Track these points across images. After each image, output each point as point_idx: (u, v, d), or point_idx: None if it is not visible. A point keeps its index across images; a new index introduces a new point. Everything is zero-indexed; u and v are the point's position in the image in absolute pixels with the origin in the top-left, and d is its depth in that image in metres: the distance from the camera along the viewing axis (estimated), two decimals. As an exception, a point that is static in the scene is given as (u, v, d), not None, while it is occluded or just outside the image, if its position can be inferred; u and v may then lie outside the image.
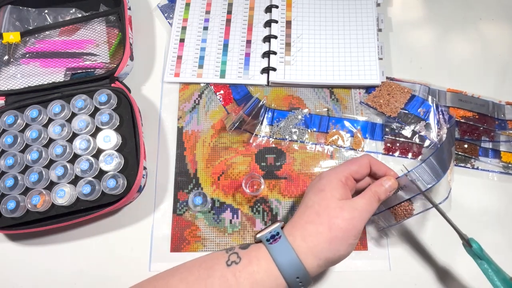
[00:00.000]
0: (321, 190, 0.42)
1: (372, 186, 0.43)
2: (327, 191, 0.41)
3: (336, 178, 0.42)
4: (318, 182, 0.43)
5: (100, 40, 0.61)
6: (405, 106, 0.56)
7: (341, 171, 0.43)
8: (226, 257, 0.40)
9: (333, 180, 0.42)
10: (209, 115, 0.58)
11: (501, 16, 0.64)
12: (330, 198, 0.41)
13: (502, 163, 0.54)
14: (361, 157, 0.45)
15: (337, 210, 0.40)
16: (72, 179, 0.50)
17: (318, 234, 0.39)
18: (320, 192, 0.41)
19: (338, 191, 0.41)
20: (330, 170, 0.44)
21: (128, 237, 0.52)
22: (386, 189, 0.43)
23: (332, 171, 0.44)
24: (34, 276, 0.51)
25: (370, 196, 0.42)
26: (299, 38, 0.61)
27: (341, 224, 0.39)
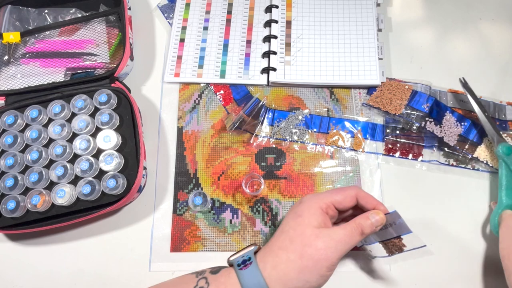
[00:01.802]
0: (298, 215, 0.40)
1: (357, 218, 0.40)
2: (305, 217, 0.39)
3: (316, 204, 0.40)
4: (297, 207, 0.41)
5: (100, 40, 0.61)
6: (408, 103, 0.56)
7: (323, 198, 0.41)
8: (195, 282, 0.39)
9: (312, 206, 0.40)
10: (209, 115, 0.58)
11: (501, 16, 0.64)
12: (306, 224, 0.39)
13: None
14: (348, 188, 0.42)
15: (312, 238, 0.38)
16: (72, 179, 0.50)
17: (289, 262, 0.37)
18: (297, 218, 0.40)
19: (316, 218, 0.39)
20: (313, 195, 0.42)
21: (128, 237, 0.52)
22: (372, 224, 0.40)
23: (313, 196, 0.42)
24: (34, 276, 0.51)
25: (353, 227, 0.39)
26: (299, 38, 0.61)
27: (313, 254, 0.37)
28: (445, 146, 0.54)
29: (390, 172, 0.54)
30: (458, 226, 0.52)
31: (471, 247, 0.50)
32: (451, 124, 0.55)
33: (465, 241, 0.51)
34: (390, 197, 0.53)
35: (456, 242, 0.51)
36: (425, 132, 0.55)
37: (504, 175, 0.50)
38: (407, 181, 0.54)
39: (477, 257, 0.50)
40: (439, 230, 0.51)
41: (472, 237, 0.51)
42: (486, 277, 0.49)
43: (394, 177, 0.54)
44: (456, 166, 0.54)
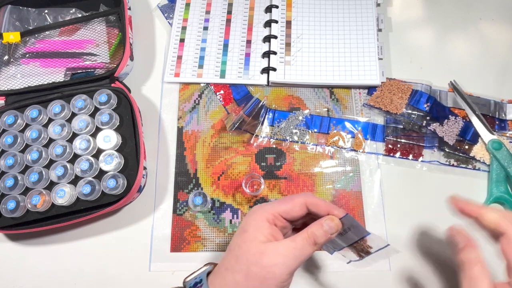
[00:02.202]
0: (244, 230, 0.37)
1: (310, 226, 0.36)
2: (250, 232, 0.36)
3: (262, 216, 0.37)
4: (244, 220, 0.38)
5: (100, 40, 0.61)
6: (409, 102, 0.56)
7: (269, 209, 0.37)
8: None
9: (258, 218, 0.37)
10: (209, 115, 0.58)
11: (501, 16, 0.64)
12: (251, 240, 0.35)
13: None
14: (296, 196, 0.38)
15: (257, 255, 0.34)
16: (72, 179, 0.50)
17: (235, 284, 0.34)
18: (243, 233, 0.36)
19: (263, 231, 0.36)
20: (259, 206, 0.38)
21: (128, 237, 0.52)
22: (326, 231, 0.36)
23: (259, 208, 0.38)
24: (34, 276, 0.51)
25: (304, 238, 0.36)
26: (299, 38, 0.61)
27: (259, 273, 0.34)
28: (445, 146, 0.54)
29: (390, 172, 0.54)
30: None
31: (471, 247, 0.50)
32: (451, 124, 0.55)
33: (465, 241, 0.51)
34: (390, 198, 0.53)
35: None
36: (426, 132, 0.55)
37: (494, 169, 0.53)
38: (407, 182, 0.54)
39: (477, 257, 0.50)
40: (439, 230, 0.51)
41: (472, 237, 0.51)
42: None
43: (394, 177, 0.54)
44: (457, 166, 0.54)
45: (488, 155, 0.54)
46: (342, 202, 0.53)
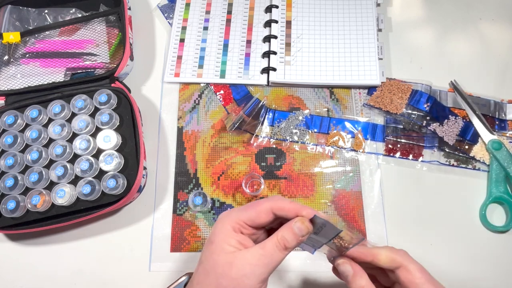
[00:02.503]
0: (211, 242, 0.35)
1: (279, 231, 0.35)
2: (216, 243, 0.35)
3: (227, 225, 0.35)
4: (211, 231, 0.36)
5: (100, 40, 0.61)
6: (409, 102, 0.56)
7: (234, 217, 0.36)
8: None
9: (224, 228, 0.35)
10: (209, 115, 0.58)
11: (501, 16, 0.63)
12: (219, 252, 0.34)
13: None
14: (262, 202, 0.36)
15: (225, 267, 0.33)
16: (72, 179, 0.50)
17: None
18: (210, 245, 0.35)
19: (229, 241, 0.34)
20: (225, 214, 0.37)
21: (128, 237, 0.52)
22: (296, 234, 0.34)
23: (225, 216, 0.36)
24: (34, 276, 0.51)
25: (274, 244, 0.34)
26: (299, 38, 0.61)
27: (229, 286, 0.33)
28: (445, 146, 0.54)
29: (390, 172, 0.54)
30: (458, 226, 0.52)
31: (471, 247, 0.50)
32: (451, 124, 0.55)
33: (465, 241, 0.51)
34: (390, 198, 0.53)
35: (456, 242, 0.51)
36: (426, 132, 0.55)
37: (493, 169, 0.53)
38: (407, 182, 0.54)
39: (477, 257, 0.50)
40: (439, 230, 0.51)
41: (472, 237, 0.51)
42: (486, 276, 0.49)
43: (394, 177, 0.54)
44: (457, 166, 0.54)
45: (488, 155, 0.54)
46: (342, 202, 0.53)
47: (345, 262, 0.36)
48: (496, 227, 0.51)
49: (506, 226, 0.50)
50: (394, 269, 0.36)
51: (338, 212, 0.52)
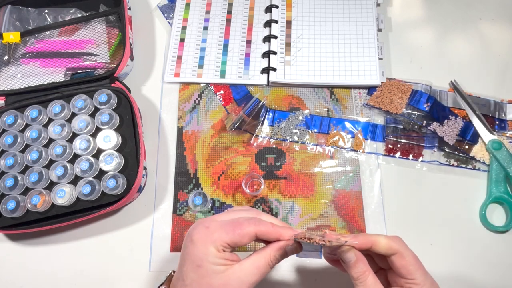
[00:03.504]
0: (198, 266, 0.35)
1: (270, 250, 0.37)
2: (205, 266, 0.35)
3: (211, 247, 0.36)
4: (192, 252, 0.36)
5: (100, 40, 0.61)
6: (409, 102, 0.56)
7: (217, 240, 0.36)
8: None
9: (207, 250, 0.36)
10: (209, 115, 0.58)
11: (501, 16, 0.64)
12: (211, 275, 0.35)
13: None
14: (244, 225, 0.37)
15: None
16: (72, 179, 0.50)
17: None
18: (198, 269, 0.35)
19: (217, 261, 0.35)
20: (204, 232, 0.37)
21: (128, 237, 0.52)
22: (287, 254, 0.38)
23: (205, 237, 0.36)
24: (34, 276, 0.51)
25: (266, 263, 0.37)
26: (299, 38, 0.61)
27: None
28: (445, 146, 0.54)
29: (390, 172, 0.54)
30: (458, 226, 0.52)
31: (471, 247, 0.50)
32: (451, 124, 0.55)
33: (465, 241, 0.51)
34: (390, 198, 0.53)
35: (456, 242, 0.51)
36: (426, 132, 0.55)
37: (493, 169, 0.53)
38: (407, 182, 0.54)
39: (477, 257, 0.50)
40: (439, 230, 0.51)
41: (472, 237, 0.51)
42: (486, 276, 0.49)
43: (394, 177, 0.54)
44: (457, 166, 0.54)
45: (488, 155, 0.54)
46: (342, 202, 0.53)
47: (349, 249, 0.37)
48: (496, 227, 0.51)
49: (506, 226, 0.50)
50: (390, 255, 0.37)
51: (338, 212, 0.52)
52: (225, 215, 0.39)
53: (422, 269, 0.37)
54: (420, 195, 0.53)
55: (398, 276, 0.37)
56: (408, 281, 0.37)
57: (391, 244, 0.38)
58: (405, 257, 0.37)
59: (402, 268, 0.37)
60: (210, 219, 0.38)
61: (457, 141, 0.54)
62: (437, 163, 0.54)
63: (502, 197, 0.51)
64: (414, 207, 0.52)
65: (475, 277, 0.49)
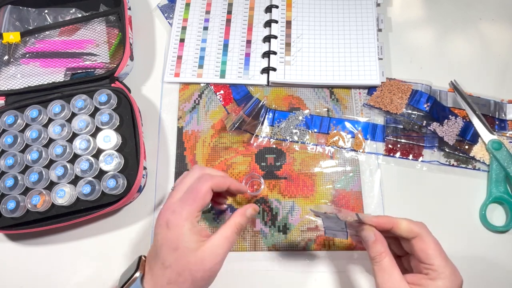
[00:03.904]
0: (174, 248, 0.38)
1: (235, 218, 0.41)
2: (182, 248, 0.38)
3: (187, 226, 0.38)
4: (168, 238, 0.39)
5: (100, 40, 0.61)
6: (409, 102, 0.56)
7: (188, 214, 0.39)
8: None
9: (184, 231, 0.38)
10: (209, 115, 0.58)
11: (501, 16, 0.64)
12: (187, 254, 0.38)
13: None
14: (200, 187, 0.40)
15: (198, 264, 0.38)
16: (72, 179, 0.50)
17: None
18: (175, 251, 0.38)
19: (193, 239, 0.38)
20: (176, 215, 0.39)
21: (128, 237, 0.52)
22: (248, 218, 0.42)
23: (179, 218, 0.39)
24: (34, 276, 0.51)
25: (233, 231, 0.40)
26: (299, 38, 0.61)
27: (204, 275, 0.38)
28: (445, 146, 0.54)
29: (390, 172, 0.54)
30: (458, 226, 0.52)
31: (471, 247, 0.50)
32: (451, 124, 0.55)
33: (465, 241, 0.51)
34: (390, 198, 0.53)
35: (456, 242, 0.51)
36: (426, 132, 0.55)
37: (493, 169, 0.53)
38: (407, 182, 0.54)
39: (477, 257, 0.50)
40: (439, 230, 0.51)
41: (472, 237, 0.51)
42: (486, 276, 0.49)
43: (394, 177, 0.54)
44: (457, 166, 0.54)
45: (488, 155, 0.54)
46: (342, 202, 0.53)
47: (368, 228, 0.39)
48: (496, 227, 0.51)
49: (506, 226, 0.50)
50: (411, 238, 0.38)
51: (338, 212, 0.52)
52: (176, 192, 0.41)
53: (443, 256, 0.37)
54: (420, 195, 0.53)
55: (418, 261, 0.37)
56: (426, 266, 0.36)
57: (412, 226, 0.38)
58: (425, 241, 0.37)
59: (421, 252, 0.37)
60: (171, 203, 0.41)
61: (457, 141, 0.54)
62: (437, 163, 0.54)
63: (502, 197, 0.51)
64: (414, 207, 0.52)
65: (475, 277, 0.49)
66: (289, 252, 0.51)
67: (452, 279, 0.36)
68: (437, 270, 0.36)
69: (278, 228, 0.52)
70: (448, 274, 0.36)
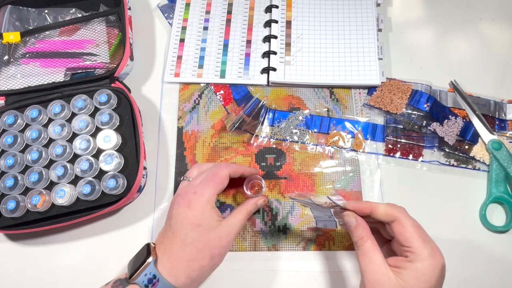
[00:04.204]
0: (197, 224, 0.41)
1: (246, 206, 0.46)
2: (204, 225, 0.41)
3: (208, 206, 0.42)
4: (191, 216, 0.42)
5: (100, 40, 0.61)
6: (409, 102, 0.56)
7: (210, 197, 0.43)
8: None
9: (206, 210, 0.42)
10: (209, 115, 0.58)
11: (501, 16, 0.64)
12: (208, 231, 0.41)
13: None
14: (220, 172, 0.45)
15: (217, 241, 0.41)
16: (72, 179, 0.50)
17: (201, 268, 0.41)
18: (198, 227, 0.41)
19: (213, 218, 0.42)
20: (198, 195, 0.43)
21: (128, 237, 0.52)
22: (257, 207, 0.48)
23: (201, 198, 0.42)
24: (34, 276, 0.51)
25: (244, 216, 0.45)
26: (299, 38, 0.61)
27: (221, 251, 0.42)
28: (445, 146, 0.54)
29: (390, 172, 0.54)
30: (458, 226, 0.52)
31: (471, 247, 0.50)
32: (451, 124, 0.55)
33: (465, 241, 0.51)
34: (390, 198, 0.53)
35: (456, 242, 0.51)
36: (426, 132, 0.55)
37: (493, 169, 0.53)
38: (407, 182, 0.54)
39: (477, 257, 0.50)
40: (439, 230, 0.51)
41: (472, 237, 0.51)
42: (486, 276, 0.49)
43: (394, 177, 0.54)
44: (457, 166, 0.54)
45: (488, 155, 0.54)
46: (342, 202, 0.53)
47: (349, 214, 0.40)
48: (496, 227, 0.51)
49: (506, 226, 0.51)
50: (390, 222, 0.39)
51: (338, 212, 0.52)
52: (197, 178, 0.45)
53: (422, 237, 0.37)
54: (420, 195, 0.53)
55: (398, 244, 0.38)
56: (405, 249, 0.37)
57: (390, 210, 0.39)
58: (403, 224, 0.38)
59: (400, 235, 0.37)
60: (192, 185, 0.44)
61: (457, 141, 0.54)
62: (437, 163, 0.54)
63: (502, 197, 0.51)
64: (414, 207, 0.52)
65: (475, 277, 0.49)
66: (289, 252, 0.51)
67: (431, 260, 0.36)
68: (415, 252, 0.36)
69: (278, 228, 0.52)
70: (426, 256, 0.36)
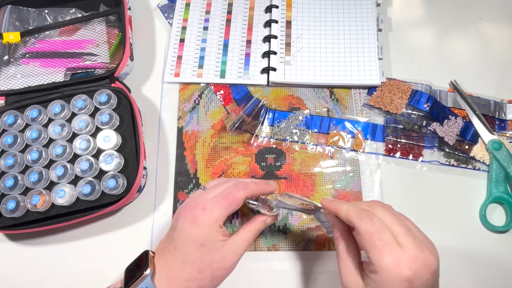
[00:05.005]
0: (201, 244, 0.38)
1: (255, 223, 0.43)
2: (208, 246, 0.38)
3: (215, 226, 0.39)
4: (196, 234, 0.39)
5: (100, 40, 0.61)
6: (409, 102, 0.56)
7: (219, 217, 0.39)
8: None
9: (212, 230, 0.39)
10: (209, 115, 0.58)
11: (501, 16, 0.64)
12: (212, 251, 0.38)
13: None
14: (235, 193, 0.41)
15: (220, 262, 0.39)
16: (72, 179, 0.50)
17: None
18: (201, 248, 0.38)
19: (218, 238, 0.39)
20: (207, 212, 0.39)
21: (128, 237, 0.52)
22: (266, 225, 0.45)
23: (209, 216, 0.39)
24: (34, 276, 0.51)
25: (253, 234, 0.42)
26: (299, 38, 0.61)
27: (223, 273, 0.39)
28: (445, 146, 0.54)
29: (390, 172, 0.54)
30: (458, 226, 0.52)
31: (471, 247, 0.50)
32: (451, 124, 0.55)
33: (465, 241, 0.51)
34: (390, 198, 0.53)
35: (456, 242, 0.51)
36: (426, 132, 0.55)
37: (493, 169, 0.53)
38: (407, 182, 0.54)
39: (477, 257, 0.50)
40: (439, 230, 0.51)
41: (472, 237, 0.51)
42: (486, 276, 0.49)
43: (394, 177, 0.54)
44: (457, 166, 0.54)
45: (488, 155, 0.54)
46: (342, 202, 0.53)
47: (327, 214, 0.40)
48: (496, 227, 0.51)
49: (506, 226, 0.51)
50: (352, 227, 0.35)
51: (338, 212, 0.52)
52: (209, 193, 0.42)
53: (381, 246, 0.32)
54: (420, 195, 0.53)
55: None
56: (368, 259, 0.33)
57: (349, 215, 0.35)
58: (360, 232, 0.33)
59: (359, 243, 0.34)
60: (203, 200, 0.41)
61: (457, 141, 0.54)
62: (437, 163, 0.54)
63: (502, 197, 0.51)
64: (414, 207, 0.52)
65: (475, 277, 0.49)
66: (289, 252, 0.51)
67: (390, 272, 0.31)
68: (373, 262, 0.32)
69: (278, 228, 0.52)
70: (383, 267, 0.31)
